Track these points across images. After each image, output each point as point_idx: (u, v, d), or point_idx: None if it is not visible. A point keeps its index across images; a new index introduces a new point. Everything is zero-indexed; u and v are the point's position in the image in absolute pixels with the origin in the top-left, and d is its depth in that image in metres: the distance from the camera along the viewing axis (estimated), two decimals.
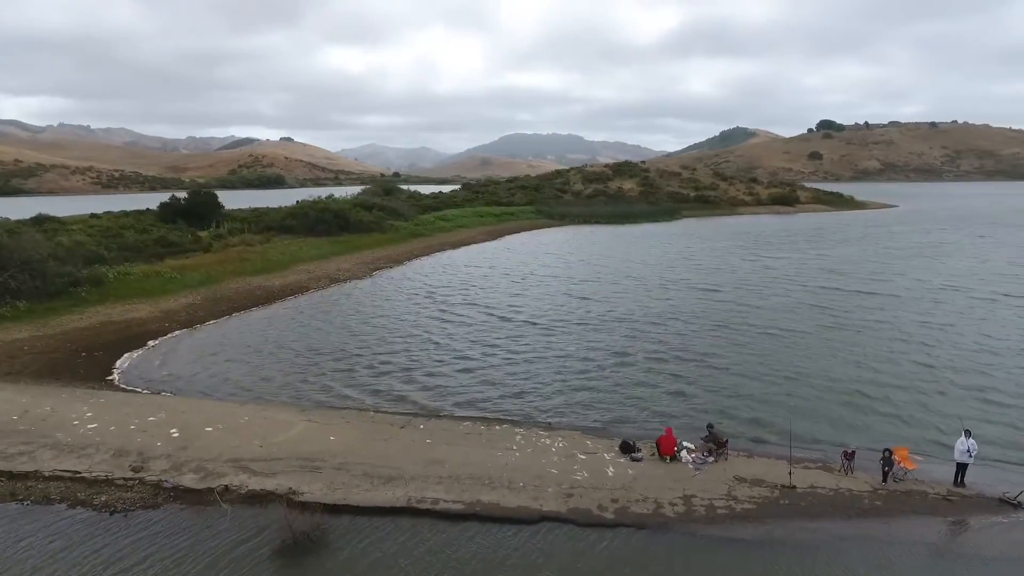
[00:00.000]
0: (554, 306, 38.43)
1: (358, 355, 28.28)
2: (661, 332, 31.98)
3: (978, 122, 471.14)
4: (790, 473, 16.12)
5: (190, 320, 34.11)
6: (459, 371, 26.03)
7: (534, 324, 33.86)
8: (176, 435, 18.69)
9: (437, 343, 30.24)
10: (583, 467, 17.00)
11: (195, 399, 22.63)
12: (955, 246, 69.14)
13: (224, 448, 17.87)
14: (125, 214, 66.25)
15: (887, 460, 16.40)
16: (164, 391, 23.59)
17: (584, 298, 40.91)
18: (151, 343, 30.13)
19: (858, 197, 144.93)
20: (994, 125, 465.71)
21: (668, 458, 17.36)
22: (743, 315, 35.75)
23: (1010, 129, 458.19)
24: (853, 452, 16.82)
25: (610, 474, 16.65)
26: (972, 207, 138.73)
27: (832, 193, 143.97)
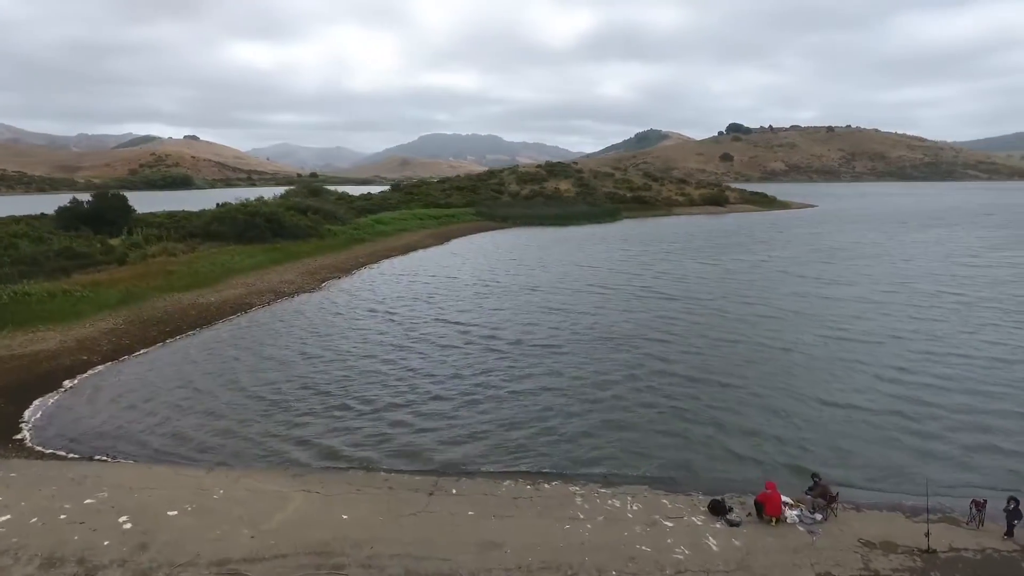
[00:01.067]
0: (532, 322, 34.66)
1: (333, 391, 23.66)
2: (659, 351, 28.65)
3: (867, 127, 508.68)
4: (927, 534, 13.44)
5: (114, 351, 28.22)
6: (462, 408, 21.92)
7: (521, 345, 30.02)
8: (129, 526, 13.85)
9: (421, 373, 25.97)
10: (677, 539, 13.65)
11: (143, 465, 17.55)
12: (894, 245, 71.04)
13: (201, 543, 13.26)
14: (15, 220, 57.05)
15: (1014, 511, 14.04)
16: (97, 455, 18.26)
17: (557, 310, 37.37)
18: (67, 383, 24.27)
19: (779, 197, 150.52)
20: (882, 130, 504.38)
21: (773, 520, 14.34)
22: (733, 327, 33.26)
23: (896, 134, 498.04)
24: (984, 502, 14.36)
25: (715, 548, 13.39)
26: (881, 206, 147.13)
27: (757, 193, 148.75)
